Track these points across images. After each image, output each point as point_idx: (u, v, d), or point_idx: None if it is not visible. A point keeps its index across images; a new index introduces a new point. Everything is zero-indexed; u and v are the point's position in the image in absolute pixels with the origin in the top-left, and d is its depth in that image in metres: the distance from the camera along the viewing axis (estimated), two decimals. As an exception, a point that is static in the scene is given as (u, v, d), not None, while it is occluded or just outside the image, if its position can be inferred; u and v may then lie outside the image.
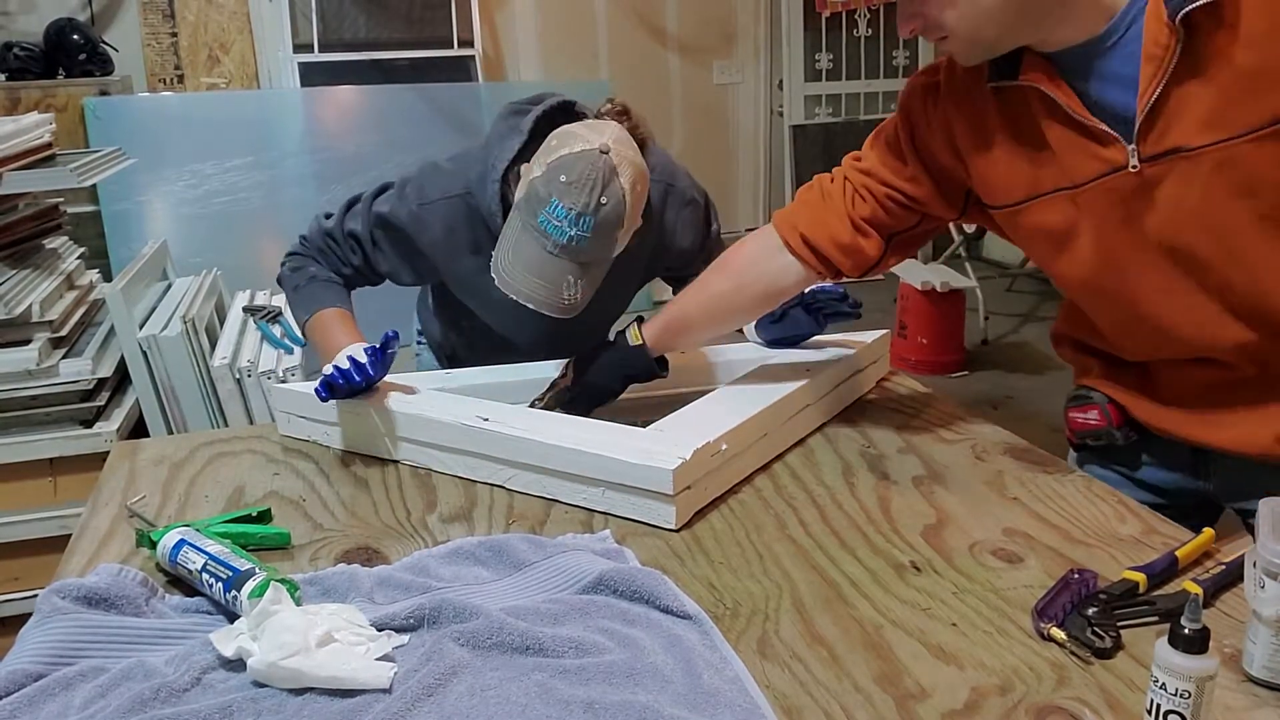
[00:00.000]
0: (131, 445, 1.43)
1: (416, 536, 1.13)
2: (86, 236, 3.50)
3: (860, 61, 5.65)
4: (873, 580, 1.02)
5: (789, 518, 1.16)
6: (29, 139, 2.20)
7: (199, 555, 0.98)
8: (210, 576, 0.96)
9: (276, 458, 1.37)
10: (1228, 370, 1.15)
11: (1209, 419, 1.19)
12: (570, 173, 1.32)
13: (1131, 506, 1.16)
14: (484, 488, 1.26)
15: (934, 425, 1.42)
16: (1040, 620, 0.91)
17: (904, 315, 4.24)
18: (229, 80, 4.65)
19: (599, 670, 0.84)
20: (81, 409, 2.06)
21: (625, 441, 1.19)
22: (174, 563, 1.00)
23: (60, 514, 2.04)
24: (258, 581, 0.93)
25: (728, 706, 0.80)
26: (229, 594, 0.94)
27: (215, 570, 0.96)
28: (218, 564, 0.97)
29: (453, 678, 0.83)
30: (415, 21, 4.90)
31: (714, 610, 0.96)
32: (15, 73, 3.92)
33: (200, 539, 1.01)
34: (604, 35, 5.29)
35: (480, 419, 1.26)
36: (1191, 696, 0.73)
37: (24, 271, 2.12)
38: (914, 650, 0.90)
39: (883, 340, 1.61)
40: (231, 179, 4.26)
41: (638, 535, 1.12)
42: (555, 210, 1.32)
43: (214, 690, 0.83)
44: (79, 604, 0.93)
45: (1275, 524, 0.85)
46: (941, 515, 1.15)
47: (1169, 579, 0.98)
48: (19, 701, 0.81)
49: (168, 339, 2.12)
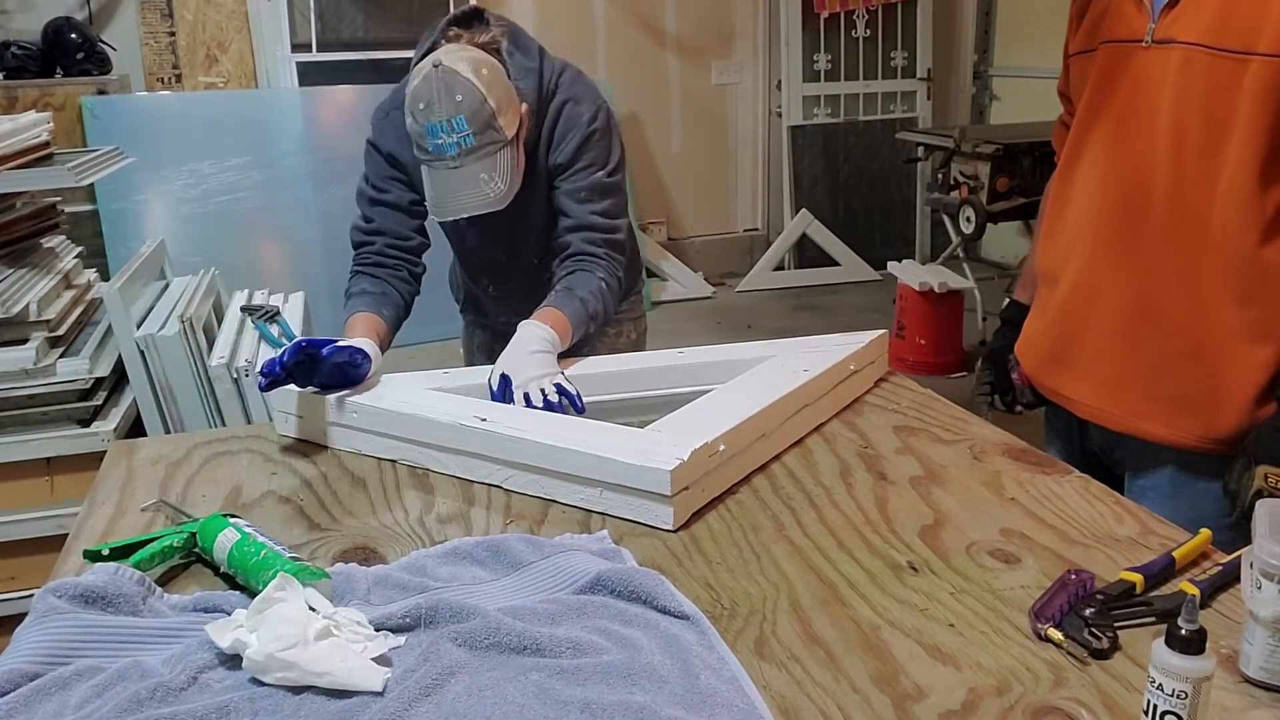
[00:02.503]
0: (129, 445, 1.42)
1: (414, 536, 1.13)
2: (84, 235, 3.49)
3: (859, 62, 5.65)
4: (870, 581, 1.02)
5: (786, 518, 1.16)
6: (26, 138, 2.20)
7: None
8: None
9: (274, 457, 1.37)
10: None
11: None
12: (419, 98, 1.49)
13: (1129, 507, 1.17)
14: (481, 488, 1.26)
15: (932, 426, 1.42)
16: (1037, 621, 0.91)
17: (902, 316, 4.24)
18: (227, 80, 4.65)
19: (596, 670, 0.84)
20: (79, 408, 2.05)
21: (623, 442, 1.19)
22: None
23: (57, 513, 2.04)
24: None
25: (725, 707, 0.80)
26: None
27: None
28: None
29: (450, 678, 0.83)
30: (413, 21, 4.89)
31: (711, 610, 0.96)
32: (13, 71, 3.91)
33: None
34: (603, 36, 5.29)
35: (478, 419, 1.26)
36: (1188, 697, 0.73)
37: (21, 270, 2.11)
38: (911, 651, 0.90)
39: (881, 341, 1.61)
40: (229, 178, 4.26)
41: (635, 535, 1.12)
42: (431, 132, 1.49)
43: (211, 690, 0.83)
44: (75, 603, 0.93)
45: (1272, 525, 0.85)
46: (939, 516, 1.15)
47: (1166, 580, 0.99)
48: (15, 701, 0.81)
49: (165, 338, 2.11)
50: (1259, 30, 1.16)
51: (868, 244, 5.68)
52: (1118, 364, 1.34)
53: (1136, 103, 1.28)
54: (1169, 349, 1.29)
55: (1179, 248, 1.26)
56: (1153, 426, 1.32)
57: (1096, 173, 1.34)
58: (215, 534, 1.03)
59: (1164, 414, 1.31)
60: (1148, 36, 1.26)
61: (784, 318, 5.01)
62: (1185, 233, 1.25)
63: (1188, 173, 1.24)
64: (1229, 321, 1.24)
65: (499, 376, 1.42)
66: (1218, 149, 1.21)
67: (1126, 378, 1.34)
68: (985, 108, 5.79)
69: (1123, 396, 1.34)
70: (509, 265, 1.78)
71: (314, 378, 1.37)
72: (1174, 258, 1.27)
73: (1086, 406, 1.40)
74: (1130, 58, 1.28)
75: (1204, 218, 1.23)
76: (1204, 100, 1.21)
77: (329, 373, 1.38)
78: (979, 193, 4.34)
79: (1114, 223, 1.32)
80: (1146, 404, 1.32)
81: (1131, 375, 1.33)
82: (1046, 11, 5.10)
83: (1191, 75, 1.21)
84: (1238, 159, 1.20)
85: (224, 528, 1.03)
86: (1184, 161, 1.24)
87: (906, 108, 5.75)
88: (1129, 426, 1.35)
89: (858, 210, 5.75)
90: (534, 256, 1.76)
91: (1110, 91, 1.31)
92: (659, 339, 1.94)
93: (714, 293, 5.44)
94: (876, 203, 5.77)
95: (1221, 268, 1.24)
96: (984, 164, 4.30)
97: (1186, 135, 1.23)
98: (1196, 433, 1.29)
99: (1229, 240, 1.22)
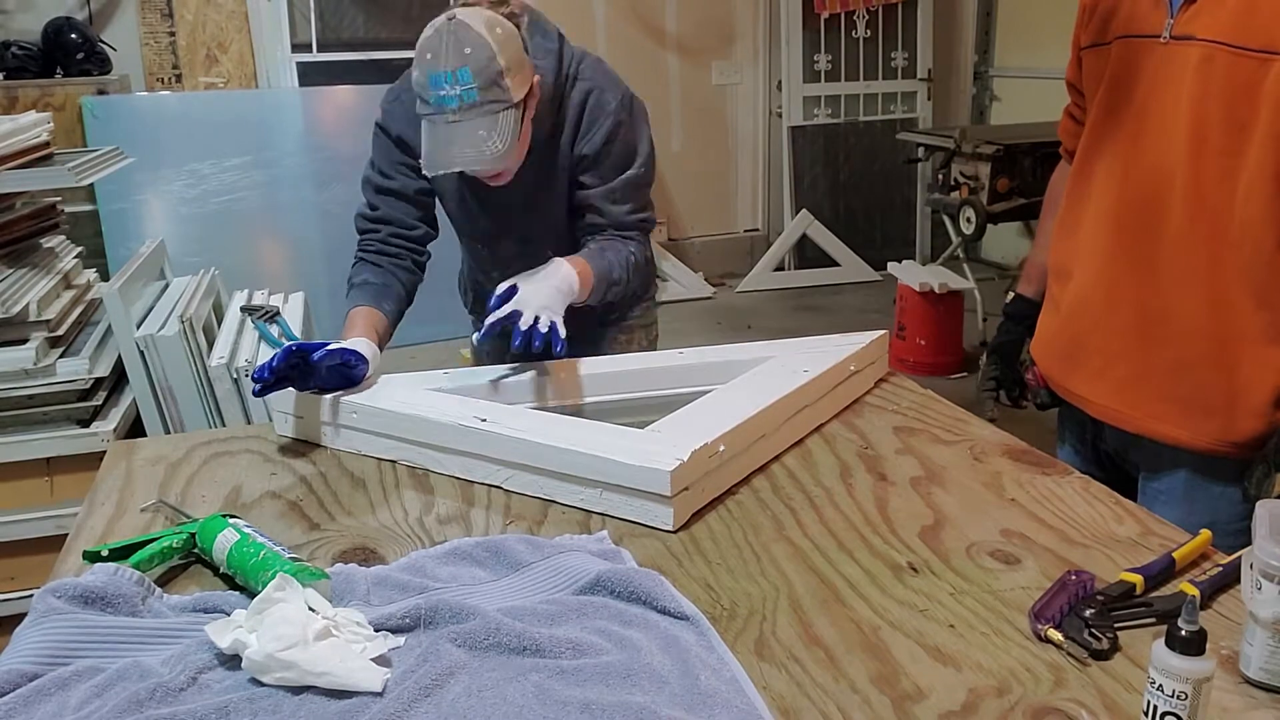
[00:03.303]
0: (128, 445, 1.42)
1: (413, 537, 1.13)
2: (84, 236, 3.49)
3: (859, 62, 5.65)
4: (870, 581, 1.02)
5: (787, 519, 1.15)
6: (27, 138, 2.20)
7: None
8: None
9: (274, 458, 1.37)
10: None
11: None
12: (427, 49, 1.44)
13: (1129, 508, 1.16)
14: (481, 488, 1.25)
15: (932, 426, 1.42)
16: (1037, 622, 0.91)
17: (902, 316, 4.24)
18: (227, 80, 4.65)
19: (596, 671, 0.84)
20: (78, 408, 2.05)
21: (623, 443, 1.19)
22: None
23: (57, 513, 2.04)
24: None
25: (725, 707, 0.80)
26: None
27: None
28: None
29: (450, 678, 0.83)
30: (414, 21, 4.89)
31: (711, 611, 0.96)
32: (13, 71, 3.91)
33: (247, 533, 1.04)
34: (603, 35, 5.28)
35: (478, 419, 1.26)
36: (1188, 698, 0.73)
37: (21, 270, 2.11)
38: (911, 651, 0.89)
39: (881, 341, 1.61)
40: (229, 178, 4.26)
41: (635, 536, 1.12)
42: (434, 83, 1.43)
43: (210, 690, 0.83)
44: (75, 603, 0.93)
45: (1272, 526, 0.85)
46: (939, 516, 1.15)
47: (1166, 580, 0.98)
48: (14, 702, 0.81)
49: (165, 338, 2.11)
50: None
51: (868, 244, 5.67)
52: (1135, 365, 1.33)
53: (1155, 100, 1.27)
54: (1187, 351, 1.28)
55: (1198, 248, 1.25)
56: (1169, 428, 1.31)
57: (1115, 170, 1.33)
58: (215, 535, 1.03)
59: (1180, 416, 1.30)
60: (1166, 32, 1.24)
61: (784, 318, 5.01)
62: (1205, 233, 1.24)
63: (1207, 172, 1.22)
64: (1248, 323, 1.24)
65: (509, 285, 1.45)
66: (1238, 149, 1.19)
67: (1144, 379, 1.33)
68: (986, 108, 5.78)
69: (1139, 398, 1.33)
70: (525, 257, 1.70)
71: (310, 380, 1.37)
72: (1193, 258, 1.25)
73: (1102, 407, 1.39)
74: (1148, 53, 1.27)
75: (1224, 218, 1.22)
76: (1224, 99, 1.19)
77: (325, 375, 1.38)
78: (979, 193, 4.34)
79: (1132, 222, 1.31)
80: (1163, 406, 1.31)
81: (1149, 376, 1.32)
82: (1047, 11, 5.10)
83: (1212, 73, 1.20)
84: (1259, 159, 1.18)
85: (223, 528, 1.03)
86: (1204, 161, 1.22)
87: (907, 108, 5.75)
88: (1144, 428, 1.34)
89: (858, 211, 5.75)
90: (550, 249, 1.70)
91: (1128, 88, 1.31)
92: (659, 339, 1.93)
93: (714, 293, 5.43)
94: (877, 203, 5.77)
95: (1241, 269, 1.23)
96: (984, 164, 4.30)
97: (1207, 134, 1.21)
98: (1213, 435, 1.28)
99: (1249, 241, 1.21)
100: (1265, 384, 1.24)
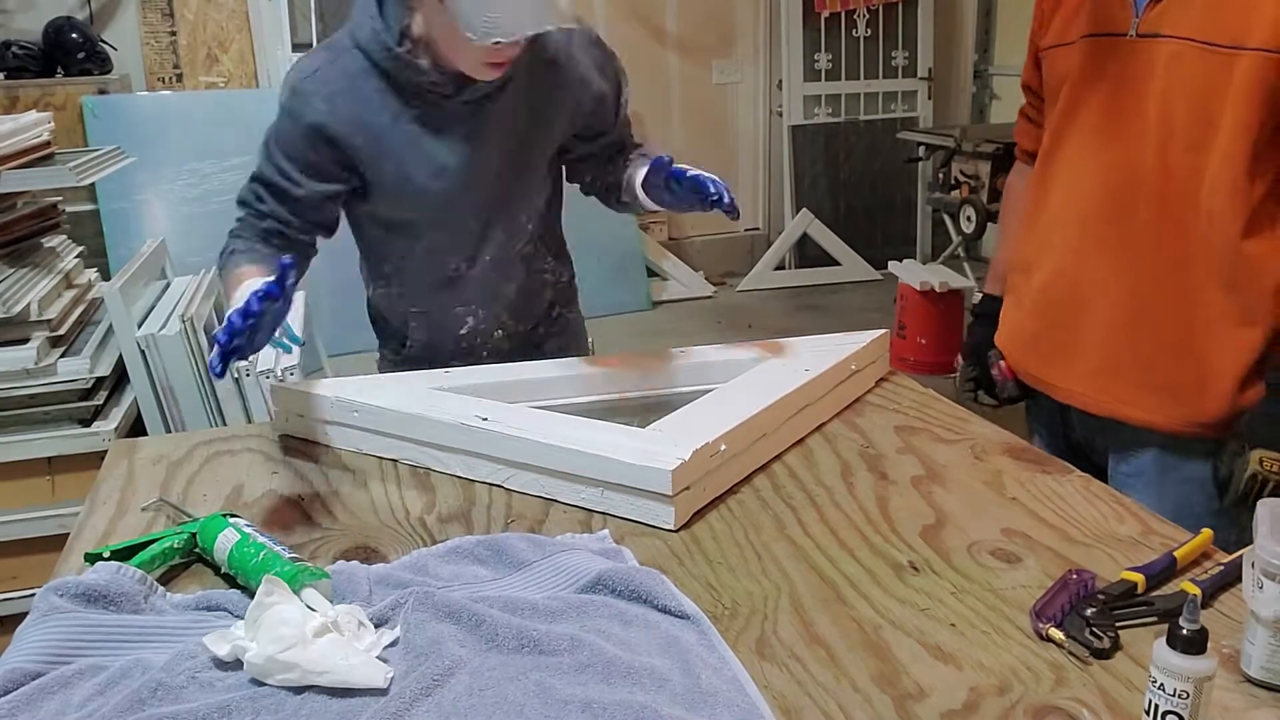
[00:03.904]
0: (129, 444, 1.42)
1: (415, 535, 1.13)
2: (85, 235, 3.49)
3: (859, 62, 5.65)
4: (871, 580, 1.02)
5: (788, 518, 1.16)
6: (27, 137, 2.20)
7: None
8: None
9: (275, 456, 1.37)
10: None
11: None
12: None
13: (1130, 507, 1.17)
14: (482, 487, 1.26)
15: (933, 425, 1.42)
16: (1039, 620, 0.91)
17: (903, 315, 4.24)
18: (228, 79, 4.65)
19: (597, 670, 0.84)
20: (79, 408, 2.06)
21: (624, 442, 1.19)
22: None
23: (58, 513, 2.04)
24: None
25: (726, 706, 0.80)
26: None
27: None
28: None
29: (450, 677, 0.83)
30: (414, 21, 4.89)
31: (712, 610, 0.96)
32: (14, 71, 3.92)
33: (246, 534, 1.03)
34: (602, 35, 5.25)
35: (479, 418, 1.26)
36: (1189, 697, 0.73)
37: (22, 270, 2.12)
38: (912, 650, 0.90)
39: (881, 340, 1.61)
40: (230, 178, 4.25)
41: (636, 535, 1.12)
42: None
43: (213, 689, 0.83)
44: (77, 602, 0.93)
45: (1274, 525, 0.85)
46: (940, 515, 1.15)
47: (1167, 579, 0.98)
48: (17, 700, 0.81)
49: (166, 338, 2.11)
50: (1249, 25, 1.18)
51: (868, 243, 5.68)
52: (1110, 354, 1.36)
53: (1123, 96, 1.29)
54: (1160, 338, 1.30)
55: (1168, 239, 1.28)
56: (1139, 412, 1.34)
57: (1082, 165, 1.36)
58: (215, 534, 1.03)
59: (1153, 401, 1.33)
60: (1132, 30, 1.26)
61: (785, 317, 5.01)
62: (1173, 224, 1.27)
63: (1175, 166, 1.25)
64: (1216, 307, 1.27)
65: (667, 156, 1.47)
66: (1206, 143, 1.22)
67: (1118, 367, 1.35)
68: (986, 107, 5.78)
69: (1114, 385, 1.36)
70: (493, 235, 1.59)
71: (255, 336, 1.14)
72: (1162, 249, 1.28)
73: (1073, 393, 1.42)
74: (1114, 51, 1.29)
75: (1191, 210, 1.25)
76: (1193, 94, 1.22)
77: (260, 320, 1.11)
78: (980, 192, 4.34)
79: (1102, 214, 1.33)
80: (1134, 392, 1.34)
81: (1123, 365, 1.35)
82: (1047, 11, 5.10)
83: (1180, 69, 1.22)
84: (1225, 153, 1.21)
85: (224, 528, 1.03)
86: (1172, 155, 1.25)
87: (907, 107, 5.75)
88: (1115, 412, 1.37)
89: (858, 210, 5.75)
90: (521, 238, 1.60)
91: (1094, 84, 1.33)
92: (660, 339, 1.93)
93: (715, 292, 5.44)
94: (877, 202, 5.77)
95: (1209, 258, 1.26)
96: (985, 163, 4.30)
97: (1174, 129, 1.24)
98: (1183, 417, 1.31)
99: (1216, 231, 1.24)
100: (1236, 364, 1.27)
